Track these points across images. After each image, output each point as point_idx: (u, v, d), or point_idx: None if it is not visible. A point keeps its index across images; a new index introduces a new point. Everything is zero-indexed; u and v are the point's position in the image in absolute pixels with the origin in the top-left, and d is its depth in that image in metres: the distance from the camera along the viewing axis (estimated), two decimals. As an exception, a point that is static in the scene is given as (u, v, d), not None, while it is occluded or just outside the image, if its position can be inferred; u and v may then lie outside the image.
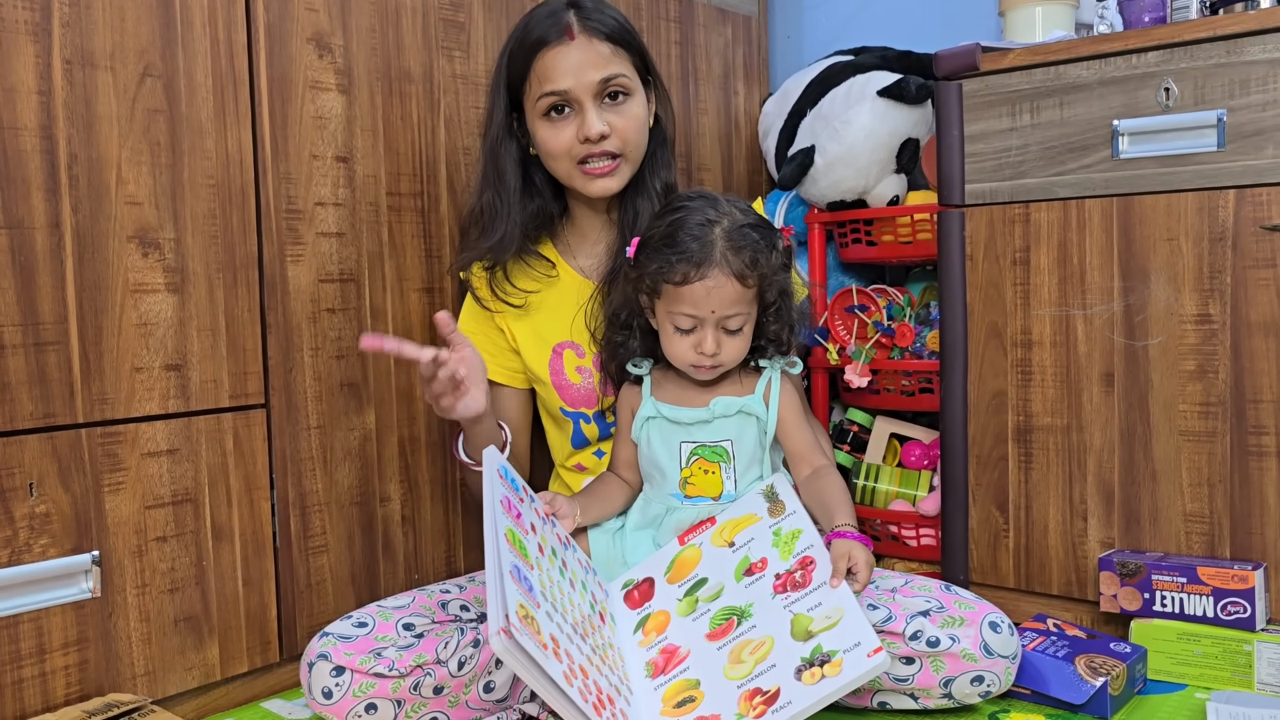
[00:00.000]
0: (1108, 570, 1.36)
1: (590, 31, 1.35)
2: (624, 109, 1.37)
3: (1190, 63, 1.33)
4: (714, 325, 1.27)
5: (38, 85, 1.14)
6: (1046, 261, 1.45)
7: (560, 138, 1.36)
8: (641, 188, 1.43)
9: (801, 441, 1.33)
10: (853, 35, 2.14)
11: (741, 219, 1.28)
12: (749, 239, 1.26)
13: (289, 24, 1.34)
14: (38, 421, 1.14)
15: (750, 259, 1.25)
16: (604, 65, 1.35)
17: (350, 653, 1.19)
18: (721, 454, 1.31)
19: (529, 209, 1.44)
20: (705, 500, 1.32)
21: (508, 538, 1.07)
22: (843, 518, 1.23)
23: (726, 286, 1.25)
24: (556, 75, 1.34)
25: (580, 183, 1.39)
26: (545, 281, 1.46)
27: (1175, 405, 1.37)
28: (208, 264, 1.28)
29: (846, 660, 1.05)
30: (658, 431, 1.32)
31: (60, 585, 1.16)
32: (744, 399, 1.32)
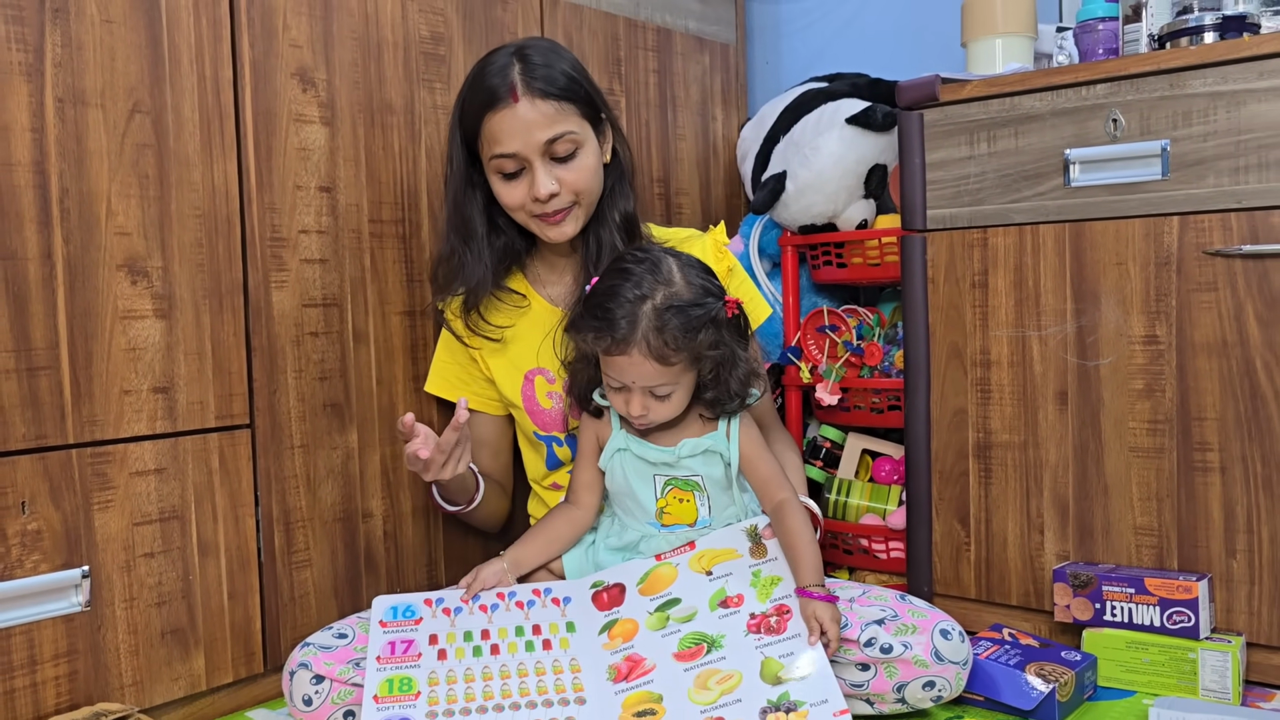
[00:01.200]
0: (1061, 581, 1.41)
1: (534, 93, 1.36)
2: (574, 163, 1.39)
3: (1136, 95, 1.39)
4: (639, 392, 1.29)
5: (30, 123, 1.20)
6: (1004, 284, 1.51)
7: (513, 195, 1.40)
8: (602, 220, 1.47)
9: (763, 474, 1.34)
10: (829, 61, 2.20)
11: (679, 295, 1.26)
12: (675, 322, 1.24)
13: (273, 60, 1.41)
14: (30, 442, 1.20)
15: (675, 340, 1.24)
16: (549, 126, 1.36)
17: (330, 662, 1.24)
18: (694, 485, 1.35)
19: (496, 247, 1.48)
20: (682, 527, 1.36)
21: (377, 696, 1.17)
22: (809, 575, 1.24)
23: (644, 365, 1.25)
24: (504, 138, 1.37)
25: (538, 229, 1.44)
26: (517, 314, 1.51)
27: (1125, 423, 1.42)
28: (194, 291, 1.33)
29: (813, 713, 1.11)
30: (631, 464, 1.36)
31: (51, 599, 1.22)
32: (707, 438, 1.34)
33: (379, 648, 1.23)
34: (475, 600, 1.32)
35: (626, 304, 1.26)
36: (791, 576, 1.27)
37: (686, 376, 1.30)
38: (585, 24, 1.83)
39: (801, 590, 1.23)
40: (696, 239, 1.53)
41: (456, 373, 1.54)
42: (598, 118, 1.44)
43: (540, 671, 1.23)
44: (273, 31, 1.40)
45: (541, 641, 1.28)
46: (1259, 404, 1.33)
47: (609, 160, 1.47)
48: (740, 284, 1.53)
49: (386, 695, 1.17)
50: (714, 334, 1.27)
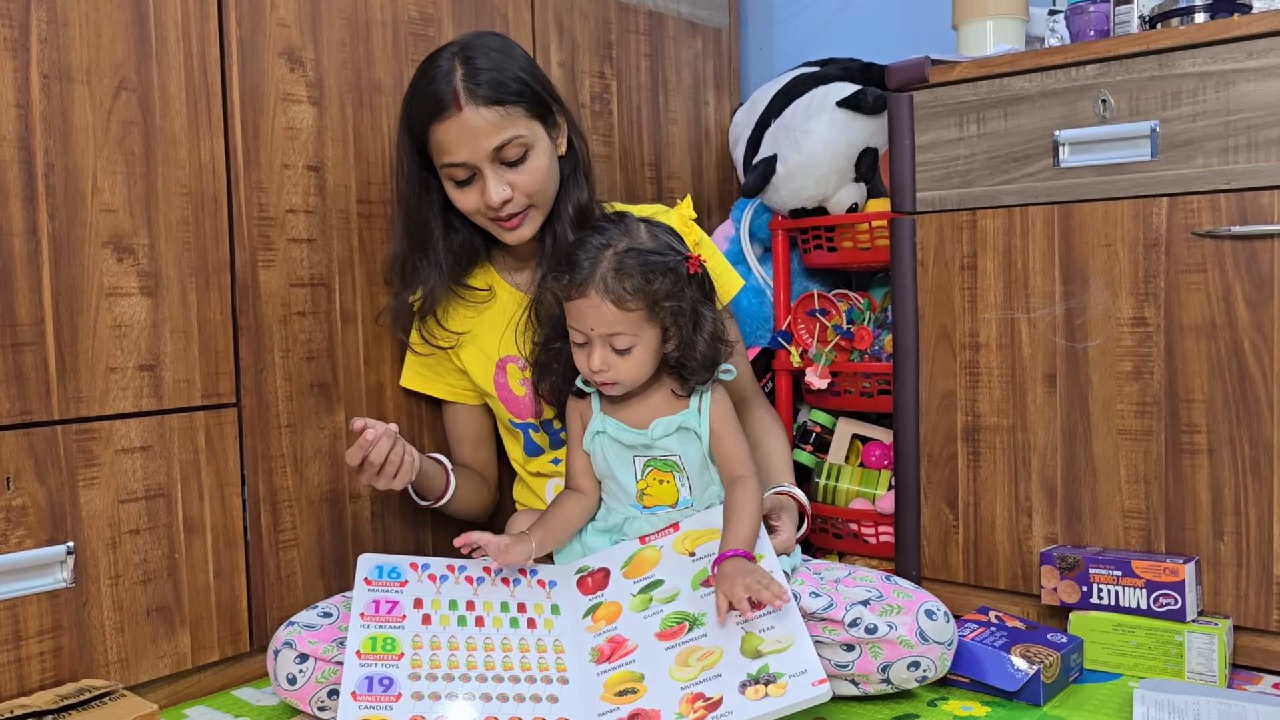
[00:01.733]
0: (1048, 564, 1.41)
1: (477, 100, 1.33)
2: (525, 166, 1.37)
3: (1125, 75, 1.38)
4: (600, 343, 1.28)
5: (16, 99, 1.19)
6: (992, 267, 1.50)
7: (467, 201, 1.40)
8: (558, 213, 1.45)
9: (727, 451, 1.33)
10: (822, 46, 2.20)
11: (641, 243, 1.28)
12: (634, 264, 1.25)
13: (261, 39, 1.40)
14: (15, 418, 1.20)
15: (633, 285, 1.25)
16: (495, 133, 1.34)
17: (314, 641, 1.24)
18: (673, 465, 1.35)
19: (454, 247, 1.47)
20: (663, 508, 1.36)
21: (359, 652, 1.17)
22: (732, 543, 1.22)
23: (602, 307, 1.26)
24: (451, 148, 1.35)
25: (496, 233, 1.43)
26: (482, 308, 1.50)
27: (1113, 405, 1.42)
28: (181, 269, 1.33)
29: (791, 684, 1.10)
30: (610, 446, 1.35)
31: (35, 575, 1.22)
32: (680, 415, 1.33)
33: (363, 605, 1.23)
34: (461, 571, 1.32)
35: (591, 249, 1.28)
36: (773, 553, 1.27)
37: (647, 331, 1.28)
38: (576, 7, 1.83)
39: (718, 559, 1.20)
40: (663, 214, 1.52)
41: (429, 364, 1.54)
42: (548, 114, 1.41)
43: (524, 648, 1.23)
44: (260, 10, 1.40)
45: (526, 620, 1.28)
46: (1247, 386, 1.33)
47: (564, 153, 1.45)
48: (709, 256, 1.52)
49: (370, 652, 1.17)
50: (672, 284, 1.28)
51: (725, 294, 1.50)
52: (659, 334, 1.30)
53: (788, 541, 1.34)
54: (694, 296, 1.31)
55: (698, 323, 1.31)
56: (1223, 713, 1.16)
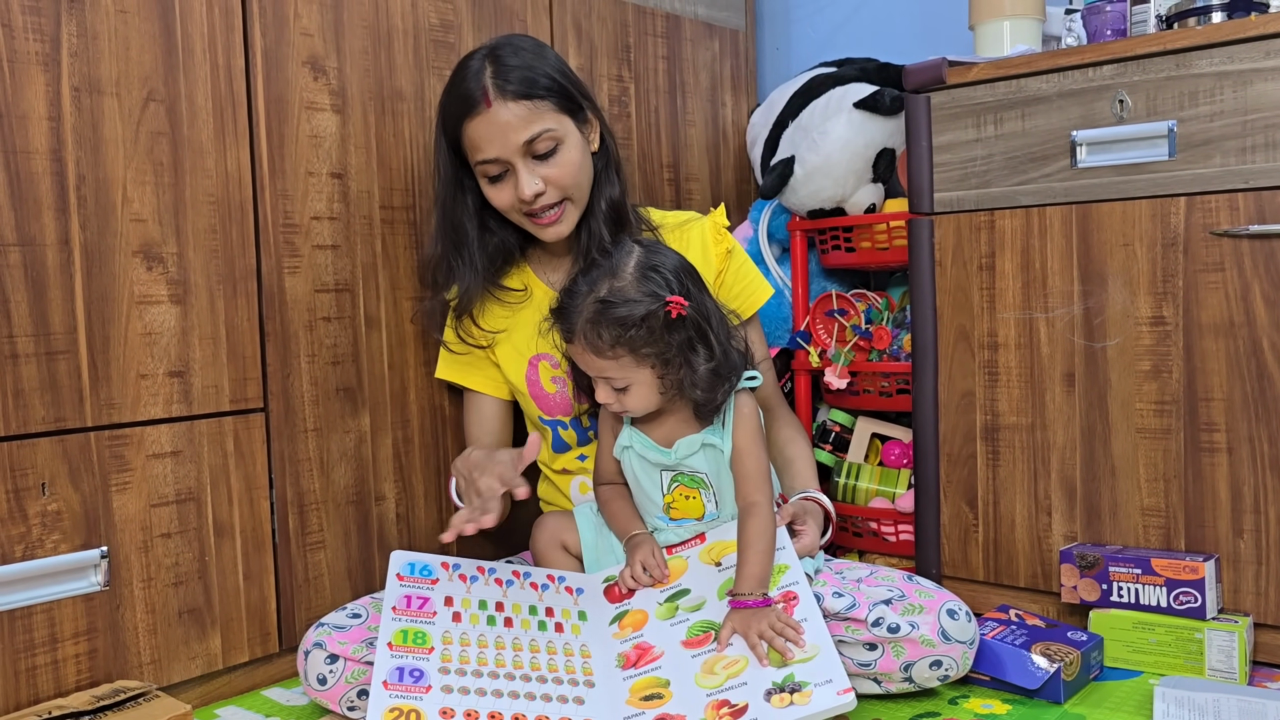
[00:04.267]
0: (1068, 563, 1.42)
1: (506, 95, 1.35)
2: (556, 159, 1.38)
3: (1143, 75, 1.39)
4: (600, 381, 1.30)
5: (48, 111, 1.22)
6: (1010, 267, 1.51)
7: (502, 197, 1.41)
8: (593, 210, 1.46)
9: (746, 469, 1.31)
10: (839, 46, 2.20)
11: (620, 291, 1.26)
12: (606, 316, 1.25)
13: (285, 48, 1.42)
14: (49, 425, 1.22)
15: (610, 336, 1.25)
16: (525, 127, 1.35)
17: (344, 642, 1.26)
18: (700, 481, 1.36)
19: (489, 249, 1.48)
20: (690, 521, 1.37)
21: (391, 643, 1.18)
22: (745, 583, 1.21)
23: (585, 356, 1.28)
24: (483, 144, 1.36)
25: (533, 230, 1.44)
26: (517, 307, 1.51)
27: (1132, 404, 1.42)
28: (209, 276, 1.36)
29: (816, 693, 1.11)
30: (637, 460, 1.36)
31: (71, 579, 1.24)
32: (702, 433, 1.33)
33: (395, 599, 1.25)
34: (491, 573, 1.33)
35: (577, 296, 1.29)
36: (799, 565, 1.28)
37: (638, 373, 1.28)
38: (594, 10, 1.84)
39: (731, 599, 1.22)
40: (695, 222, 1.54)
41: (465, 358, 1.56)
42: (578, 109, 1.42)
43: (551, 650, 1.25)
44: (284, 20, 1.42)
45: (554, 624, 1.29)
46: (1266, 384, 1.33)
47: (596, 150, 1.46)
48: (740, 265, 1.53)
49: (401, 644, 1.19)
50: (649, 332, 1.25)
51: (754, 303, 1.52)
52: (651, 373, 1.29)
53: (810, 545, 1.35)
54: (679, 340, 1.27)
55: (687, 364, 1.28)
56: (1243, 710, 1.16)
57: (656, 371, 1.29)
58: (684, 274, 1.31)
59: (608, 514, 1.42)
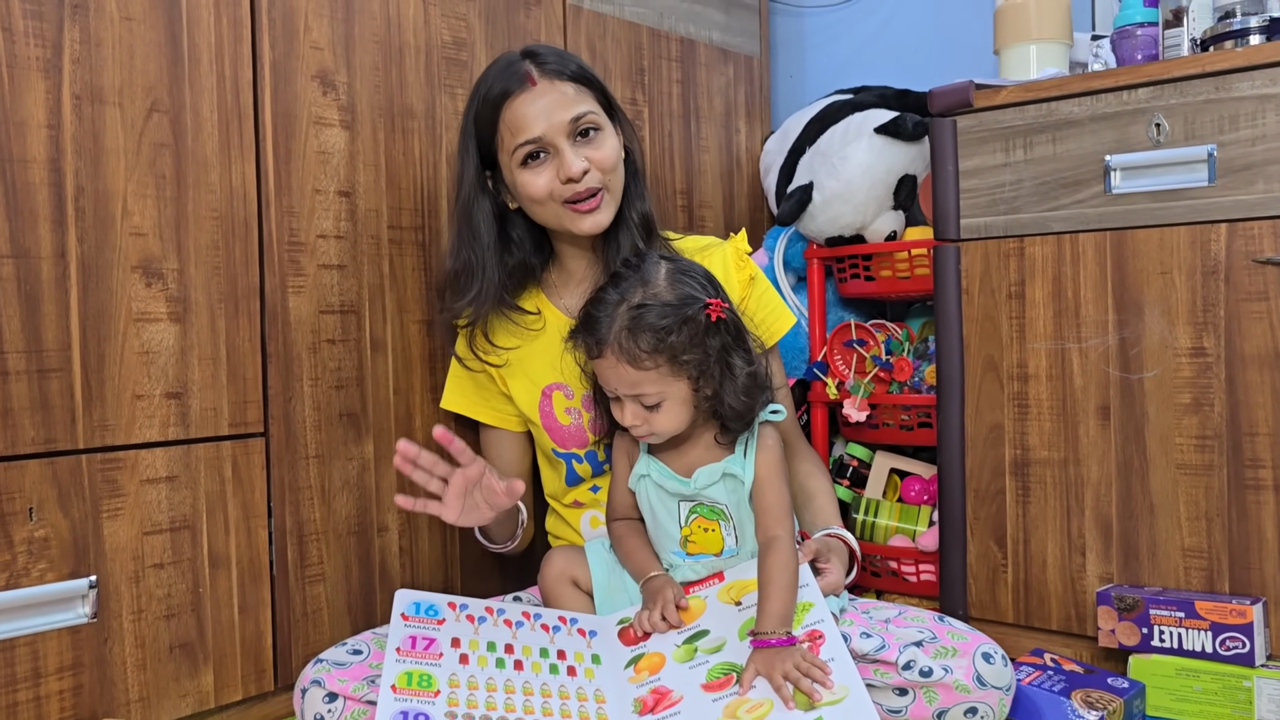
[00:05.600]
0: (1105, 605, 1.36)
1: (551, 74, 1.34)
2: (598, 143, 1.35)
3: (1180, 99, 1.35)
4: (630, 400, 1.24)
5: (47, 119, 1.17)
6: (1041, 295, 1.46)
7: (539, 182, 1.35)
8: (621, 221, 1.42)
9: (767, 502, 1.25)
10: (853, 74, 2.17)
11: (656, 295, 1.22)
12: (645, 321, 1.20)
13: (294, 62, 1.38)
14: (39, 447, 1.16)
15: (648, 343, 1.20)
16: (571, 105, 1.34)
17: (344, 679, 1.19)
18: (719, 513, 1.29)
19: (507, 264, 1.43)
20: (707, 556, 1.30)
21: (394, 686, 1.12)
22: (767, 621, 1.15)
23: (620, 369, 1.22)
24: (527, 123, 1.33)
25: (570, 222, 1.37)
26: (529, 335, 1.46)
27: (1171, 439, 1.36)
28: (210, 294, 1.30)
29: None
30: (654, 490, 1.30)
31: (57, 610, 1.18)
32: (723, 462, 1.27)
33: (399, 640, 1.19)
34: (500, 614, 1.27)
35: (607, 306, 1.23)
36: (823, 602, 1.21)
37: (673, 385, 1.23)
38: (609, 32, 1.81)
39: (753, 639, 1.15)
40: (716, 247, 1.48)
41: (474, 388, 1.50)
42: (611, 110, 1.41)
43: (564, 695, 1.18)
44: (294, 33, 1.38)
45: (566, 667, 1.22)
46: (1313, 418, 1.27)
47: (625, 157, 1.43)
48: (763, 293, 1.48)
49: (405, 687, 1.12)
50: (690, 335, 1.21)
51: (777, 332, 1.46)
52: (688, 385, 1.23)
53: (835, 583, 1.29)
54: (719, 344, 1.23)
55: (727, 370, 1.23)
56: (1301, 764, 1.10)
57: (693, 384, 1.23)
58: (712, 282, 1.27)
59: (622, 551, 1.35)
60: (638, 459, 1.32)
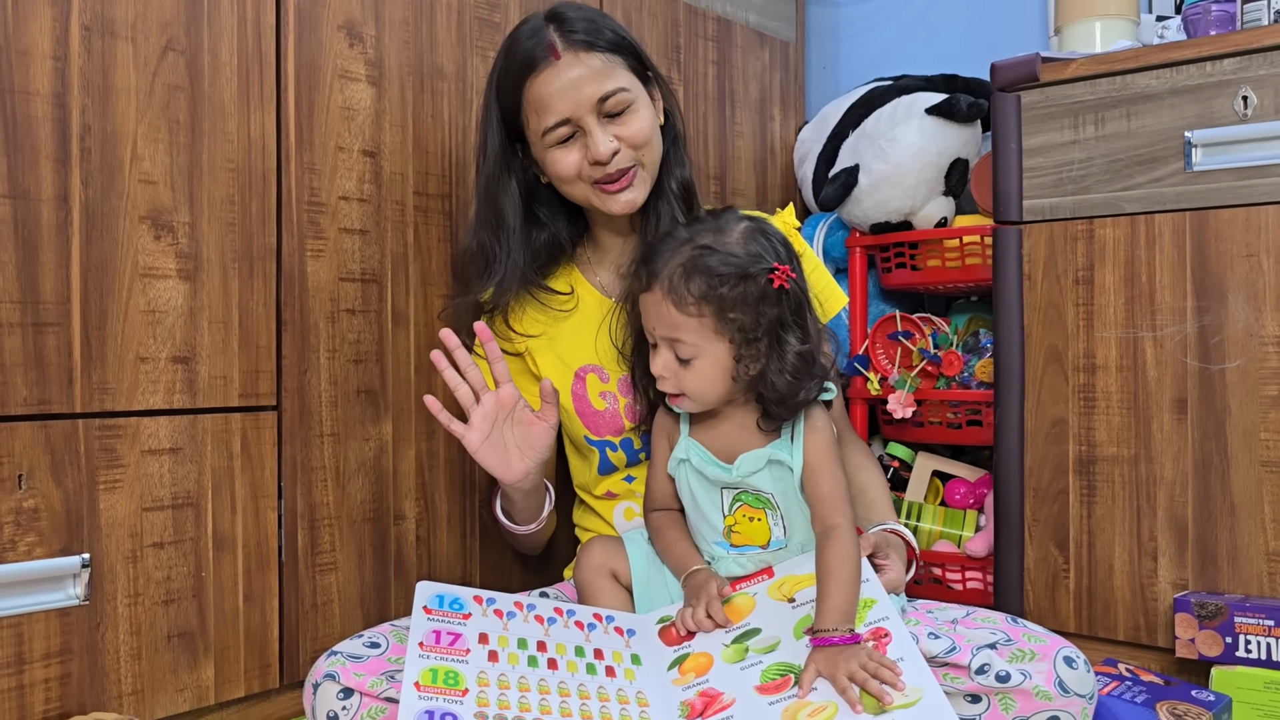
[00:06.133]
0: (1184, 612, 1.25)
1: (576, 45, 1.23)
2: (630, 118, 1.25)
3: (1270, 69, 1.26)
4: (665, 347, 1.15)
5: (53, 50, 1.07)
6: (1112, 280, 1.37)
7: (567, 162, 1.26)
8: (660, 191, 1.32)
9: (822, 490, 1.15)
10: (891, 65, 2.09)
11: (723, 244, 1.13)
12: (702, 264, 1.11)
13: (320, 9, 1.28)
14: (31, 408, 1.05)
15: (698, 288, 1.10)
16: (599, 81, 1.23)
17: (360, 674, 1.08)
18: (765, 501, 1.19)
19: (535, 244, 1.34)
20: (753, 549, 1.20)
21: (418, 683, 1.02)
22: (828, 617, 1.06)
23: (663, 306, 1.13)
24: (552, 102, 1.23)
25: (600, 202, 1.28)
26: (560, 314, 1.36)
27: (1256, 434, 1.27)
28: (223, 252, 1.20)
29: None
30: (694, 476, 1.21)
31: (46, 589, 1.06)
32: (770, 447, 1.17)
33: (422, 634, 1.07)
34: (530, 609, 1.16)
35: (673, 241, 1.14)
36: (886, 598, 1.11)
37: (713, 344, 1.13)
38: (645, 5, 1.72)
39: (813, 636, 1.05)
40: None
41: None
42: (646, 76, 1.30)
43: (604, 697, 1.07)
44: (321, -23, 1.28)
45: (604, 667, 1.11)
46: None
47: (663, 123, 1.32)
48: (814, 269, 1.38)
49: (430, 685, 1.01)
50: (743, 293, 1.11)
51: (827, 312, 1.36)
52: (728, 349, 1.13)
53: (896, 580, 1.18)
54: (774, 315, 1.13)
55: (775, 345, 1.13)
56: None
57: (734, 349, 1.13)
58: (791, 252, 1.17)
59: (661, 544, 1.24)
60: (677, 441, 1.22)
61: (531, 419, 1.22)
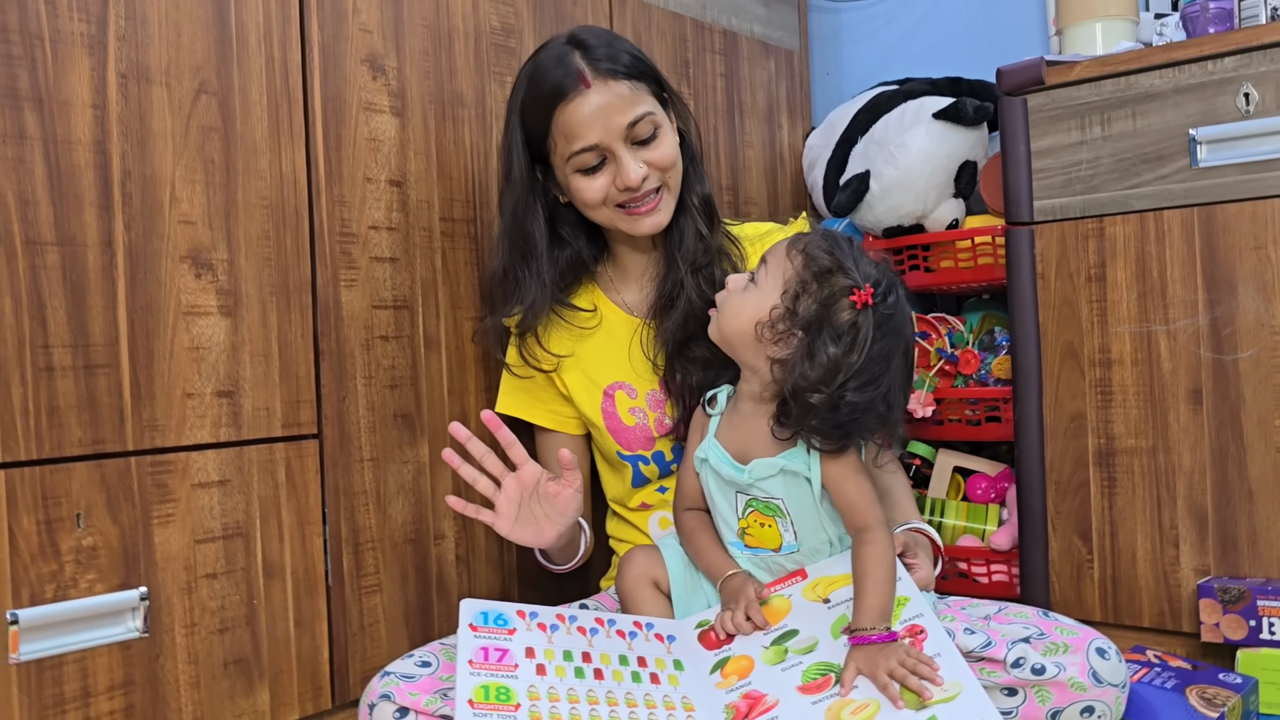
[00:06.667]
0: (1208, 597, 1.29)
1: (604, 74, 1.25)
2: (657, 143, 1.28)
3: (1271, 66, 1.29)
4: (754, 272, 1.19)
5: (92, 99, 1.10)
6: (1124, 276, 1.40)
7: (594, 188, 1.29)
8: (683, 208, 1.35)
9: (849, 498, 1.17)
10: (893, 69, 2.12)
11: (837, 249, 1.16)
12: (832, 246, 1.16)
13: (343, 44, 1.32)
14: (86, 448, 1.09)
15: (812, 247, 1.15)
16: (627, 108, 1.26)
17: (415, 693, 1.11)
18: (775, 509, 1.22)
19: (560, 263, 1.37)
20: (766, 551, 1.23)
21: (472, 700, 1.04)
22: (865, 617, 1.08)
23: (782, 244, 1.18)
24: (582, 130, 1.26)
25: (626, 225, 1.31)
26: (584, 332, 1.39)
27: (1270, 421, 1.30)
28: (261, 287, 1.23)
29: None
30: (713, 476, 1.24)
31: (107, 623, 1.09)
32: (782, 457, 1.18)
33: (470, 652, 1.10)
34: (572, 621, 1.19)
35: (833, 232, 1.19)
36: (919, 595, 1.14)
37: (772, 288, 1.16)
38: (654, 23, 1.75)
39: (851, 635, 1.08)
40: (778, 232, 1.42)
41: (529, 386, 1.42)
42: (665, 98, 1.33)
43: (650, 704, 1.10)
44: (342, 14, 1.32)
45: (649, 674, 1.15)
46: None
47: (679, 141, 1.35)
48: None
49: (483, 701, 1.04)
50: (819, 282, 1.13)
51: None
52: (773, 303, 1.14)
53: (926, 578, 1.21)
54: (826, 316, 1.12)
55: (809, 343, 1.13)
56: None
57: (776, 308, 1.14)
58: (901, 306, 1.16)
59: (693, 548, 1.27)
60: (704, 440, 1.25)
61: (556, 489, 1.22)
